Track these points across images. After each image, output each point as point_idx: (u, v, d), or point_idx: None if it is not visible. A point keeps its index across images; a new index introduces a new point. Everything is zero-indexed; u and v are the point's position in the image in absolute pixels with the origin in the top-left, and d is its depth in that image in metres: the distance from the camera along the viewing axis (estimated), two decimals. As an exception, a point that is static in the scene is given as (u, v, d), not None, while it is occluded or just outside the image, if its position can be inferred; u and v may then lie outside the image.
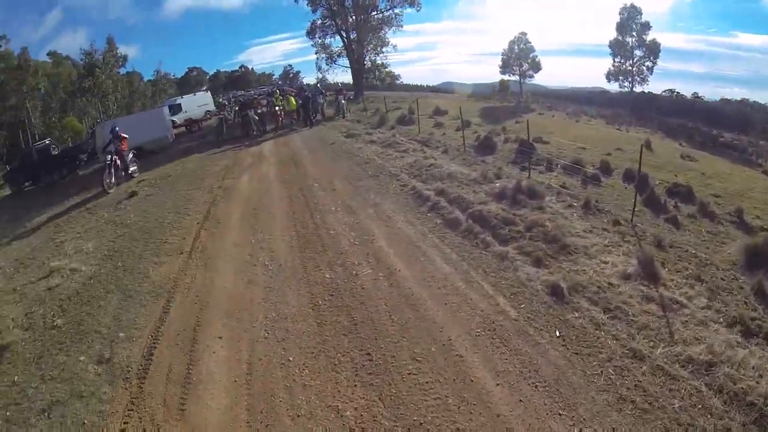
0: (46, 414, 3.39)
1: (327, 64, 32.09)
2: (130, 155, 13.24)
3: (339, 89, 21.52)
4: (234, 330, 4.16)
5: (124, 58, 45.04)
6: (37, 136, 31.52)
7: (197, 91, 35.90)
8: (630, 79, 30.28)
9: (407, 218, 6.49)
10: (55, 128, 34.55)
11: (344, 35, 30.15)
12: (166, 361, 3.82)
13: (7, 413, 3.47)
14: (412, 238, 5.82)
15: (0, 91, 29.76)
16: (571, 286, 4.33)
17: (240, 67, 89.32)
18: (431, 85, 48.97)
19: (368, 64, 31.50)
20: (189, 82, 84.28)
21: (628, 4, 29.38)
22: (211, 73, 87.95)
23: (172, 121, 24.06)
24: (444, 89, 45.59)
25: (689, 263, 5.07)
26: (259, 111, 17.52)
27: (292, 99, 18.00)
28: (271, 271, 5.28)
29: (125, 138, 12.76)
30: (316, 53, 31.97)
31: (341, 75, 31.99)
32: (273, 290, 4.82)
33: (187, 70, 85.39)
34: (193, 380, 3.54)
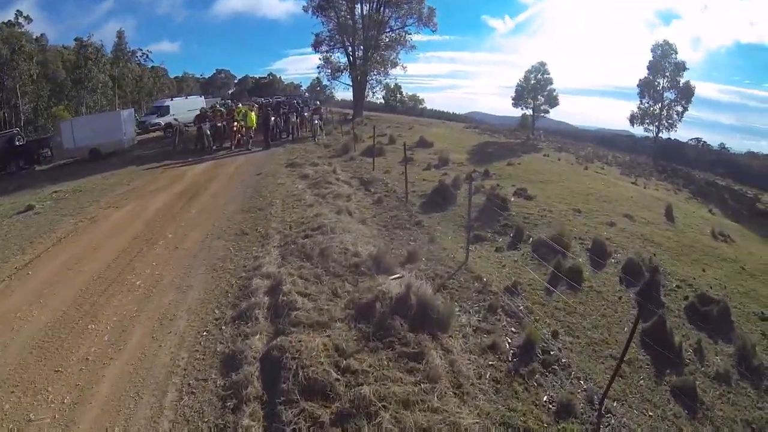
0: None
1: (329, 80, 30.43)
2: None
3: (317, 107, 19.26)
4: None
5: (133, 52, 44.70)
6: (21, 122, 30.52)
7: (190, 95, 34.65)
8: (656, 124, 27.25)
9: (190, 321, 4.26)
10: (41, 116, 33.61)
11: (350, 51, 28.31)
12: None
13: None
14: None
15: None
16: None
17: (268, 75, 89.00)
18: (458, 113, 46.48)
19: (374, 83, 29.29)
20: (215, 83, 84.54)
21: (662, 41, 26.69)
22: (239, 77, 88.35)
23: (157, 123, 23.04)
24: (467, 119, 43.07)
25: None
26: (218, 124, 15.66)
27: (252, 115, 16.00)
28: None
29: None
30: (318, 67, 30.23)
31: (343, 92, 30.92)
32: None
33: (215, 71, 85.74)
34: None
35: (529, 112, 29.03)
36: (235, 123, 15.53)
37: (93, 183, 11.11)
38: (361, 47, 27.81)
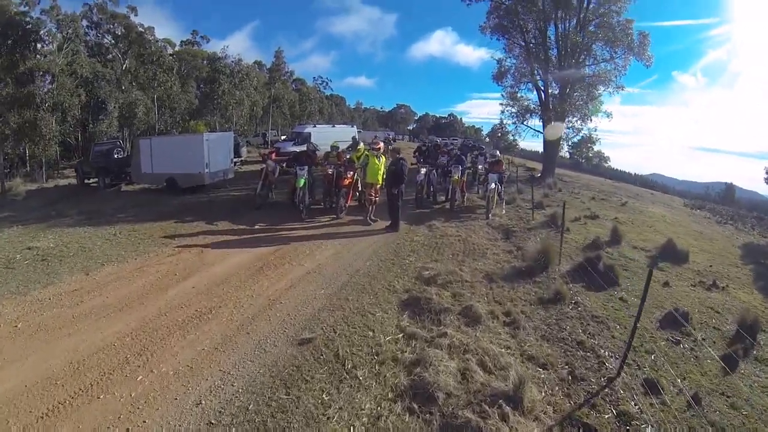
0: None
1: (514, 123, 22.89)
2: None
3: (496, 160, 12.20)
4: None
5: (291, 73, 47.94)
6: (156, 131, 32.57)
7: (340, 123, 31.95)
8: None
9: None
10: (175, 128, 34.90)
11: (542, 87, 21.54)
12: None
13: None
14: None
15: (144, 77, 31.66)
16: None
17: (448, 115, 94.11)
18: (639, 174, 41.56)
19: (570, 132, 22.00)
20: (394, 117, 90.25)
21: None
22: (419, 114, 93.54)
23: (289, 153, 18.72)
24: (652, 182, 37.80)
25: None
26: (329, 171, 10.67)
27: (377, 163, 9.63)
28: None
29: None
30: (501, 105, 23.06)
31: (530, 141, 24.92)
32: None
33: (395, 105, 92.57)
34: None
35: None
36: (349, 174, 10.18)
37: (102, 235, 9.29)
38: (556, 82, 20.93)
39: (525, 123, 22.63)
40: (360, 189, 11.13)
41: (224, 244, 8.36)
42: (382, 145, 10.09)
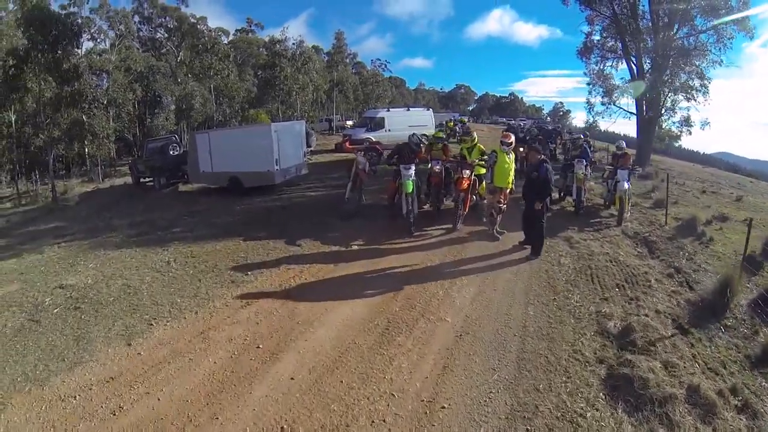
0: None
1: (603, 103, 20.06)
2: None
3: (623, 153, 9.56)
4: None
5: (354, 55, 45.09)
6: (214, 122, 30.62)
7: (415, 106, 28.28)
8: None
9: None
10: (235, 118, 32.40)
11: (634, 61, 18.76)
12: None
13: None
14: None
15: (199, 68, 29.72)
16: None
17: (509, 95, 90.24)
18: (705, 153, 36.66)
19: (667, 111, 18.90)
20: (454, 98, 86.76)
21: None
22: (479, 94, 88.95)
23: (363, 140, 17.47)
24: (721, 161, 32.88)
25: None
26: (436, 169, 8.25)
27: (508, 161, 7.09)
28: None
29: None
30: (588, 84, 20.28)
31: (621, 124, 22.30)
32: None
33: (455, 85, 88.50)
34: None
35: None
36: (464, 173, 7.52)
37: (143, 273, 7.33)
38: (650, 56, 18.16)
39: (616, 103, 19.70)
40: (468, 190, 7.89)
41: (319, 282, 5.82)
42: (513, 138, 7.23)
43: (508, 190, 7.24)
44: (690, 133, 19.16)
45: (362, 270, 6.12)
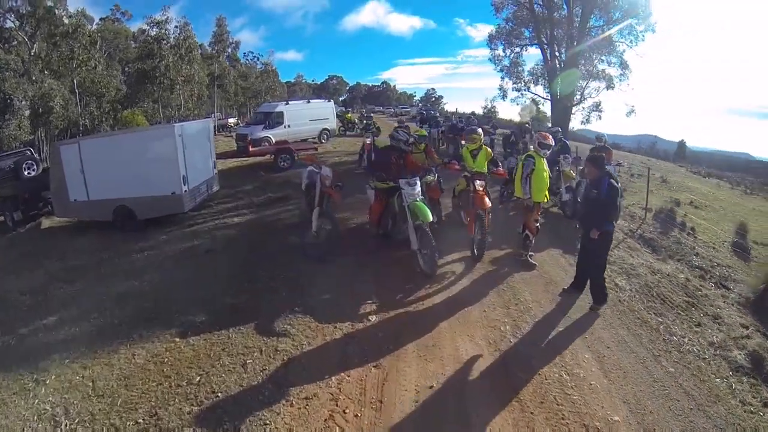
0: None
1: (517, 89, 21.40)
2: None
3: (603, 146, 8.25)
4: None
5: (237, 44, 39.22)
6: (80, 128, 24.62)
7: (313, 98, 25.25)
8: None
9: None
10: (106, 121, 26.25)
11: (546, 46, 19.81)
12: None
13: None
14: None
15: (59, 61, 24.20)
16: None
17: (382, 83, 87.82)
18: (630, 135, 35.36)
19: (582, 98, 20.31)
20: (327, 89, 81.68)
21: None
22: (351, 84, 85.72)
23: (262, 140, 15.84)
24: (652, 149, 29.73)
25: None
26: (428, 177, 6.39)
27: (545, 170, 5.82)
28: None
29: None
30: (500, 71, 21.33)
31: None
32: None
33: (327, 77, 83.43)
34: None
35: None
36: (477, 183, 5.89)
37: None
38: (562, 45, 19.13)
39: (529, 89, 21.23)
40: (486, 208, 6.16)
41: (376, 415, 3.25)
42: (552, 140, 5.95)
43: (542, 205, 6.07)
44: (600, 118, 20.77)
45: (420, 366, 3.79)
